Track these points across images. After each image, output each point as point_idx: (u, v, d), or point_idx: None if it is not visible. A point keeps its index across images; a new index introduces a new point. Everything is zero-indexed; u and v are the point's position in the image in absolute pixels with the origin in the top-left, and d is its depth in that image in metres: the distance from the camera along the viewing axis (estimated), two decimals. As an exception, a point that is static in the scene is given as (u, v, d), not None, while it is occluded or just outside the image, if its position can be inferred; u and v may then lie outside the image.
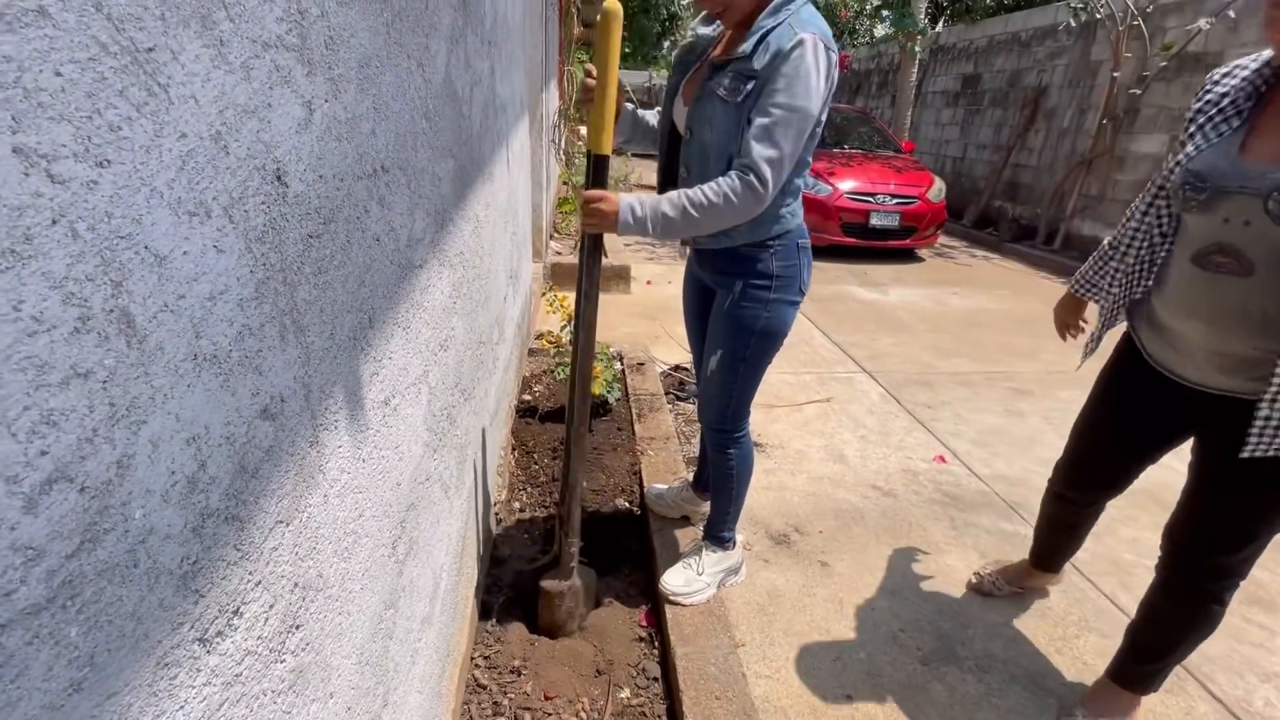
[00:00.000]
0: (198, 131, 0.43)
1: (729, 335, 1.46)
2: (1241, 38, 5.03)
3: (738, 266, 1.42)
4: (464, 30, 1.30)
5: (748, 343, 1.45)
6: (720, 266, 1.46)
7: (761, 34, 1.23)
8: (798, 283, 1.44)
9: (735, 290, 1.43)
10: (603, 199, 1.27)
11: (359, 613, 0.77)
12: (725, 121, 1.29)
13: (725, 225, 1.30)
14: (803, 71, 1.18)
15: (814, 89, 1.20)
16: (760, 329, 1.44)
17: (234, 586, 0.49)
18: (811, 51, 1.18)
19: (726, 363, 1.49)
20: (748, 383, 1.52)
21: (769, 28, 1.23)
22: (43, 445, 0.31)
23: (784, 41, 1.20)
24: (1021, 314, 4.69)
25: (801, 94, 1.19)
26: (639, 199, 1.29)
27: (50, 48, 0.31)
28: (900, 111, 8.74)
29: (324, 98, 0.62)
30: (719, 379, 1.52)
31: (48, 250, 0.31)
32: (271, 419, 0.54)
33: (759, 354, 1.48)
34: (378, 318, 0.80)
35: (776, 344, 1.49)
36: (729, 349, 1.48)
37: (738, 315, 1.44)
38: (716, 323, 1.49)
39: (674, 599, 1.64)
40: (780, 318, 1.45)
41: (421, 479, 1.04)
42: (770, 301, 1.42)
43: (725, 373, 1.50)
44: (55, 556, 0.32)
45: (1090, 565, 1.99)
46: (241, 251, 0.48)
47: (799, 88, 1.19)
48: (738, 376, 1.50)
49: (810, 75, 1.19)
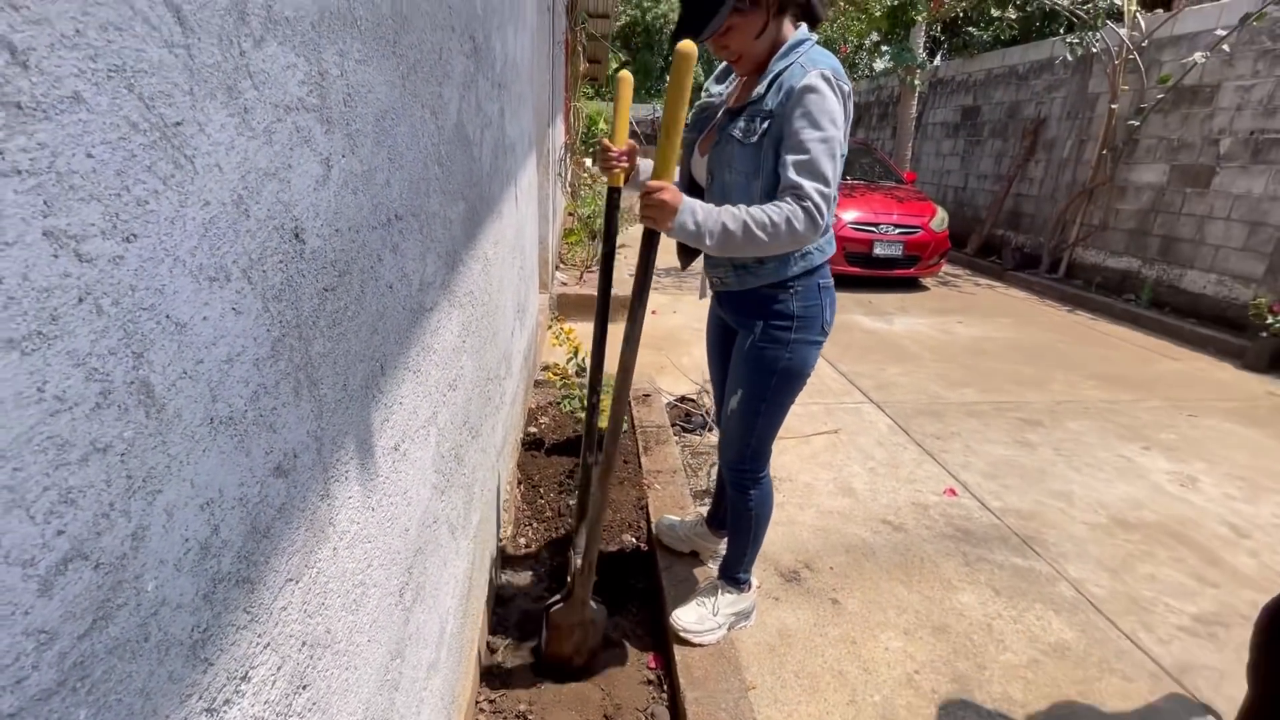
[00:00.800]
0: (220, 198, 0.43)
1: (750, 376, 1.46)
2: (1237, 70, 5.10)
3: (759, 307, 1.42)
4: (475, 76, 1.33)
5: (769, 383, 1.44)
6: (741, 307, 1.47)
7: (774, 75, 1.27)
8: (819, 322, 1.43)
9: (756, 331, 1.43)
10: (664, 189, 1.20)
11: (366, 666, 0.75)
12: (744, 162, 1.33)
13: (779, 250, 1.26)
14: (822, 105, 1.22)
15: (836, 118, 1.23)
16: (782, 369, 1.43)
17: (243, 651, 0.48)
18: (824, 85, 1.22)
19: (748, 403, 1.48)
20: (769, 423, 1.51)
21: (781, 69, 1.27)
22: (60, 525, 0.31)
23: (796, 80, 1.23)
24: (1027, 343, 4.68)
25: (828, 124, 1.22)
26: (701, 204, 1.24)
27: (83, 131, 0.31)
28: (901, 143, 8.86)
29: (342, 153, 0.64)
30: (740, 419, 1.51)
31: (73, 329, 0.31)
32: (284, 476, 0.54)
33: (780, 394, 1.47)
34: (389, 364, 0.80)
35: (799, 384, 1.48)
36: (750, 389, 1.47)
37: (759, 356, 1.43)
38: (738, 363, 1.49)
39: (685, 636, 1.61)
40: (802, 358, 1.44)
41: (429, 522, 1.03)
42: (791, 342, 1.42)
43: (746, 413, 1.49)
44: (68, 638, 0.31)
45: (1108, 604, 1.95)
46: (259, 311, 0.49)
47: (824, 119, 1.22)
48: (759, 416, 1.49)
49: (830, 106, 1.22)
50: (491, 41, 1.52)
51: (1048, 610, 1.90)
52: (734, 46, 1.30)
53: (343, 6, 0.62)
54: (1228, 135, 5.18)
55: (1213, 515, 2.44)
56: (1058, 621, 1.86)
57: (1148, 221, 5.88)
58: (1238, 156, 5.10)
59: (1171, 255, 5.65)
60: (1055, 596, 1.97)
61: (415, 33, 0.87)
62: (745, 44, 1.29)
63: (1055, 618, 1.87)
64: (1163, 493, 2.62)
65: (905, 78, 8.21)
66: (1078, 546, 2.23)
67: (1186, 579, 2.09)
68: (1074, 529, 2.34)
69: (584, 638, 1.54)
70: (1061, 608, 1.92)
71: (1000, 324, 5.19)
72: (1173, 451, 3.01)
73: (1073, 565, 2.12)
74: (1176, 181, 5.61)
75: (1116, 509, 2.48)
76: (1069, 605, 1.93)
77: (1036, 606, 1.92)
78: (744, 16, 1.25)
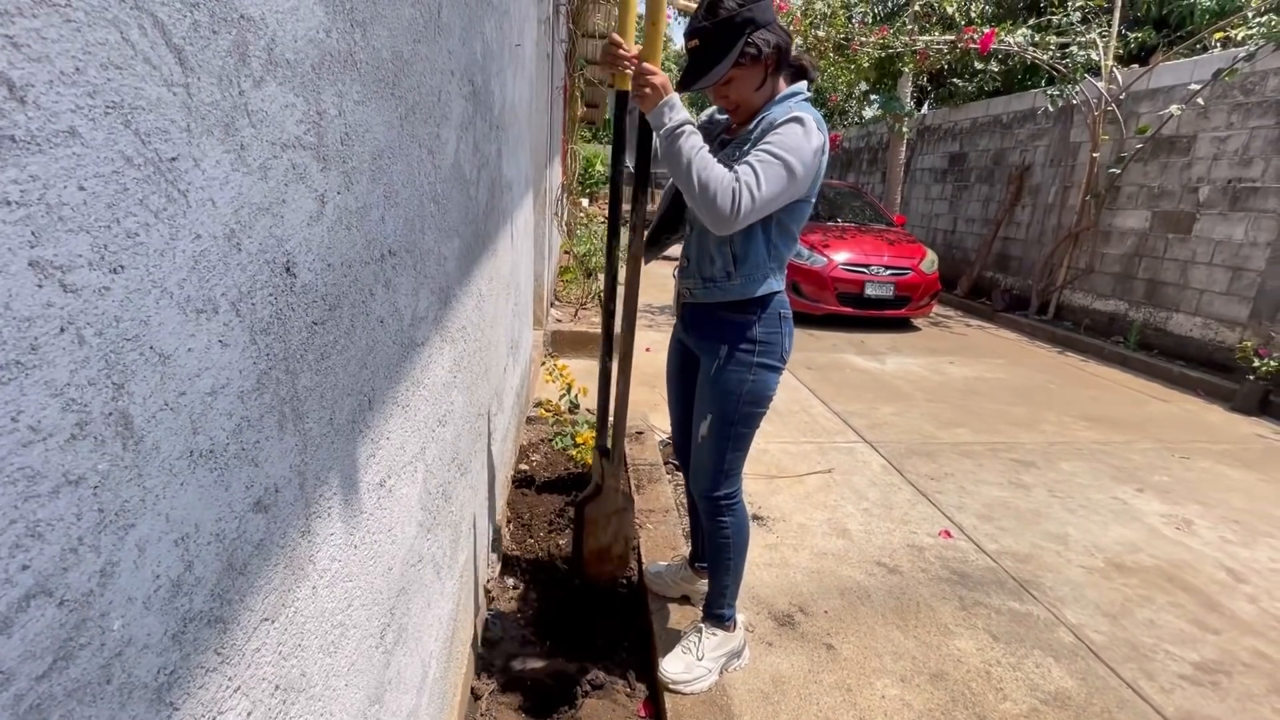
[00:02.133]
0: (212, 232, 0.44)
1: (718, 400, 1.49)
2: (1212, 122, 5.29)
3: (723, 331, 1.48)
4: (474, 118, 1.36)
5: (736, 407, 1.48)
6: (707, 332, 1.52)
7: (763, 115, 1.38)
8: (779, 349, 1.49)
9: (720, 355, 1.48)
10: (656, 74, 1.32)
11: (342, 712, 0.72)
12: None
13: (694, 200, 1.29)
14: (794, 135, 1.29)
15: (803, 151, 1.29)
16: (746, 392, 1.48)
17: (211, 695, 0.46)
18: (803, 125, 1.30)
19: (717, 428, 1.51)
20: (738, 447, 1.54)
21: (769, 111, 1.38)
22: (25, 559, 0.30)
23: (778, 116, 1.33)
24: (1019, 384, 4.71)
25: (788, 149, 1.28)
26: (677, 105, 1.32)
27: (76, 165, 0.32)
28: (891, 187, 9.08)
29: (336, 190, 0.65)
30: (710, 445, 1.53)
31: (52, 359, 0.31)
32: (264, 511, 0.53)
33: (747, 419, 1.51)
34: (377, 398, 0.80)
35: (763, 408, 1.52)
36: (719, 414, 1.50)
37: (725, 380, 1.48)
38: (704, 389, 1.53)
39: (674, 688, 1.56)
40: (764, 382, 1.49)
41: (414, 561, 1.01)
42: (754, 365, 1.47)
43: (716, 438, 1.52)
44: (25, 679, 0.30)
45: (1108, 651, 1.91)
46: (246, 344, 0.49)
47: (788, 143, 1.29)
48: (729, 441, 1.52)
49: (799, 140, 1.29)
50: (490, 86, 1.56)
51: (1047, 657, 1.86)
52: (734, 96, 1.40)
53: (343, 50, 0.64)
54: (1206, 183, 5.34)
55: (1209, 559, 2.42)
56: (1057, 669, 1.82)
57: (1132, 265, 6.00)
58: (1217, 204, 5.25)
59: (1157, 298, 5.74)
60: (1054, 643, 1.93)
61: (415, 76, 0.90)
62: (745, 94, 1.39)
63: (1055, 665, 1.83)
64: (1159, 536, 2.59)
65: (894, 125, 8.47)
66: (1075, 590, 2.20)
67: (1186, 625, 2.05)
68: (1071, 572, 2.31)
69: (620, 526, 1.55)
70: (1061, 654, 1.88)
71: (991, 364, 5.23)
72: (1166, 494, 3.00)
73: (1071, 610, 2.09)
74: (1159, 227, 5.75)
75: (1113, 552, 2.46)
76: (1068, 652, 1.89)
77: (1035, 653, 1.88)
78: (745, 70, 1.35)
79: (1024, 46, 6.24)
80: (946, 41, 6.46)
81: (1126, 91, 5.98)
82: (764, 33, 1.32)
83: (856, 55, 6.64)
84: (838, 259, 6.03)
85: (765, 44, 1.33)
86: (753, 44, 1.32)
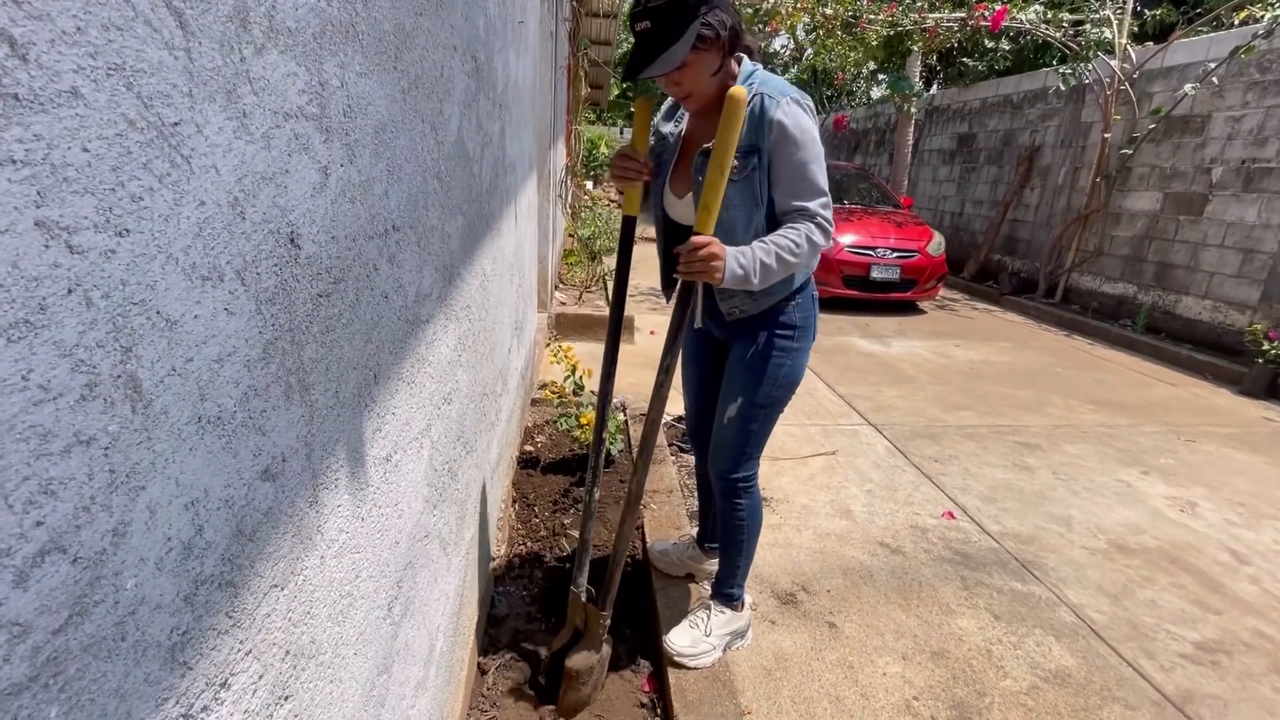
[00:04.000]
0: (216, 199, 0.44)
1: (751, 384, 1.48)
2: (1227, 101, 5.20)
3: (764, 321, 1.46)
4: (476, 95, 1.35)
5: (770, 391, 1.48)
6: (744, 324, 1.48)
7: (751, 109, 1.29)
8: (812, 330, 1.51)
9: (760, 340, 1.46)
10: (712, 242, 1.21)
11: (351, 680, 0.74)
12: (741, 197, 1.34)
13: (806, 266, 1.35)
14: (799, 127, 1.28)
15: (813, 133, 1.30)
16: (783, 376, 1.48)
17: (223, 657, 0.47)
18: (796, 109, 1.30)
19: (746, 411, 1.50)
20: (764, 430, 1.54)
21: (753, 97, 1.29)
22: (39, 516, 0.30)
23: (770, 110, 1.28)
24: (1024, 367, 4.69)
25: (809, 141, 1.29)
26: (736, 250, 1.25)
27: (80, 126, 0.32)
28: (898, 169, 8.98)
29: (340, 162, 0.64)
30: (737, 427, 1.52)
31: (60, 319, 0.31)
32: (272, 479, 0.53)
33: (778, 401, 1.51)
34: (383, 373, 0.80)
35: (792, 391, 1.53)
36: (750, 397, 1.49)
37: (762, 364, 1.46)
38: (737, 373, 1.50)
39: (679, 660, 1.58)
40: (800, 365, 1.50)
41: (420, 536, 1.02)
42: (793, 350, 1.47)
43: (745, 420, 1.51)
44: (41, 632, 0.31)
45: (1109, 630, 1.92)
46: (252, 313, 0.49)
47: (806, 138, 1.29)
48: (756, 423, 1.52)
49: (808, 125, 1.30)
50: (494, 63, 1.55)
51: (1048, 636, 1.88)
52: (687, 84, 1.28)
53: (344, 20, 0.63)
54: (1219, 164, 5.26)
55: (1213, 541, 2.42)
56: (1058, 648, 1.83)
57: (1142, 248, 5.93)
58: (1230, 185, 5.17)
59: (1166, 281, 5.69)
60: (1055, 622, 1.94)
61: (417, 50, 0.89)
62: (698, 81, 1.28)
63: (1055, 644, 1.85)
64: (1162, 518, 2.60)
65: (902, 105, 8.35)
66: (1077, 571, 2.21)
67: (1188, 605, 2.06)
68: (1073, 554, 2.31)
69: (600, 675, 1.52)
70: (1062, 633, 1.89)
71: (997, 348, 5.21)
72: (1172, 477, 2.99)
73: (1072, 590, 2.10)
74: (1170, 209, 5.68)
75: (1116, 534, 2.46)
76: (1069, 631, 1.91)
77: (1036, 632, 1.89)
78: (700, 55, 1.23)
79: (1036, 24, 6.13)
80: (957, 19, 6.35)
81: (1140, 70, 5.87)
82: (719, 12, 1.22)
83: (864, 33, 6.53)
84: (843, 241, 5.99)
85: (721, 25, 1.22)
86: (709, 25, 1.20)
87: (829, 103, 13.34)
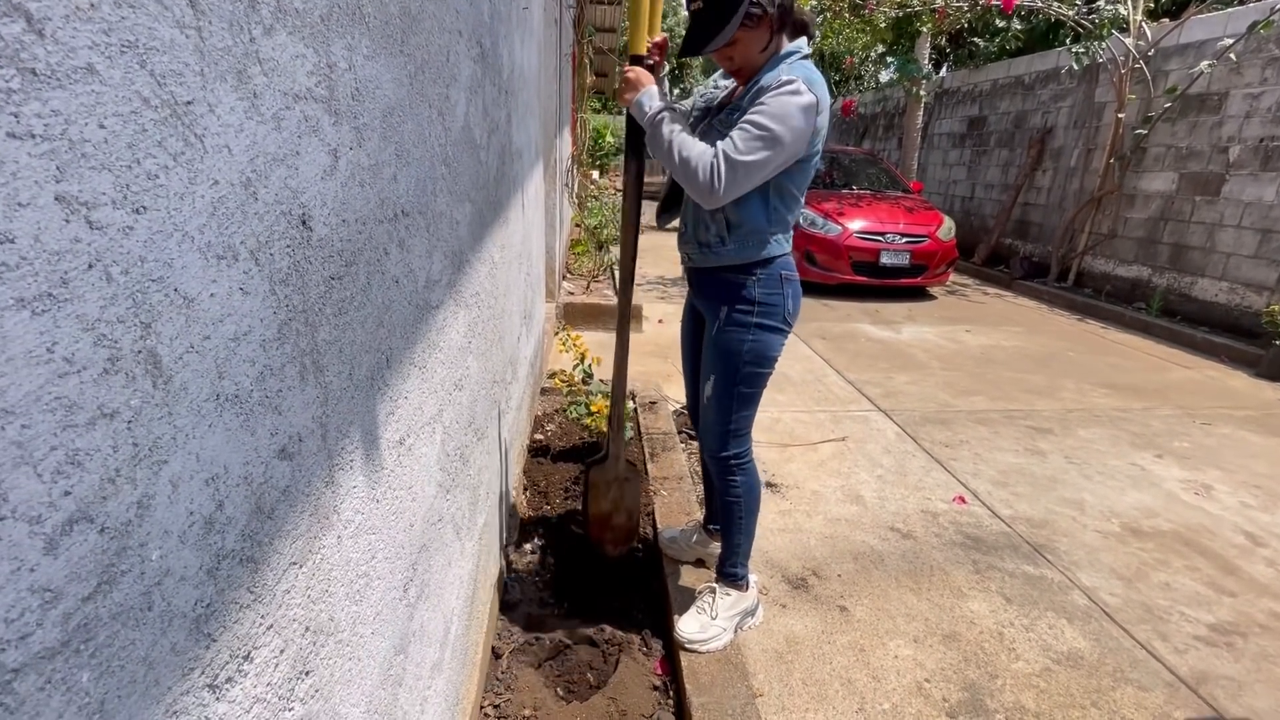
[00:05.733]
0: (229, 179, 0.44)
1: (719, 360, 1.52)
2: (1245, 78, 5.09)
3: (723, 292, 1.50)
4: (483, 81, 1.35)
5: (738, 368, 1.50)
6: (708, 293, 1.54)
7: (757, 80, 1.36)
8: (781, 311, 1.49)
9: (721, 315, 1.50)
10: (636, 73, 1.40)
11: (369, 658, 0.75)
12: None
13: (680, 178, 1.35)
14: (781, 102, 1.28)
15: (789, 116, 1.28)
16: (747, 352, 1.49)
17: (246, 630, 0.48)
18: (793, 88, 1.28)
19: (720, 387, 1.53)
20: (743, 408, 1.56)
21: (763, 76, 1.36)
22: (67, 486, 0.31)
23: (771, 81, 1.31)
24: (1036, 351, 4.65)
25: (772, 115, 1.27)
26: (663, 102, 1.38)
27: (96, 102, 0.32)
28: (907, 153, 8.88)
29: (349, 145, 0.65)
30: (715, 405, 1.56)
31: (82, 294, 0.32)
32: (289, 459, 0.54)
33: (751, 380, 1.52)
34: (395, 358, 0.81)
35: (766, 369, 1.53)
36: (720, 374, 1.52)
37: (725, 340, 1.50)
38: (708, 350, 1.56)
39: (689, 647, 1.59)
40: (765, 343, 1.49)
41: (434, 520, 1.03)
42: (753, 326, 1.48)
43: (721, 398, 1.54)
44: (72, 599, 0.32)
45: (1122, 612, 1.91)
46: (266, 293, 0.49)
47: (772, 109, 1.28)
48: (733, 400, 1.54)
49: (787, 106, 1.28)
50: (499, 48, 1.54)
51: (1060, 619, 1.87)
52: (738, 59, 1.38)
53: (351, 1, 0.63)
54: (1237, 143, 5.16)
55: (1228, 524, 2.40)
56: (1070, 630, 1.83)
57: (1157, 230, 5.85)
58: (1247, 164, 5.08)
59: (1182, 263, 5.61)
60: (1068, 605, 1.94)
61: (423, 34, 0.89)
62: (748, 56, 1.38)
63: (1068, 626, 1.84)
64: (1177, 501, 2.58)
65: (911, 89, 8.24)
66: (1090, 555, 2.20)
67: (1202, 588, 2.05)
68: (1086, 537, 2.30)
69: (621, 494, 1.63)
70: (1074, 616, 1.89)
71: (1009, 333, 5.16)
72: (1186, 460, 2.97)
73: (1085, 574, 2.09)
74: (1186, 190, 5.59)
75: (1130, 517, 2.45)
76: (1082, 614, 1.90)
77: (1049, 615, 1.89)
78: (749, 32, 1.33)
79: (1049, 2, 6.02)
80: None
81: (1155, 48, 5.75)
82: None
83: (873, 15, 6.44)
84: (853, 227, 5.94)
85: (770, 3, 1.30)
86: (757, 4, 1.29)
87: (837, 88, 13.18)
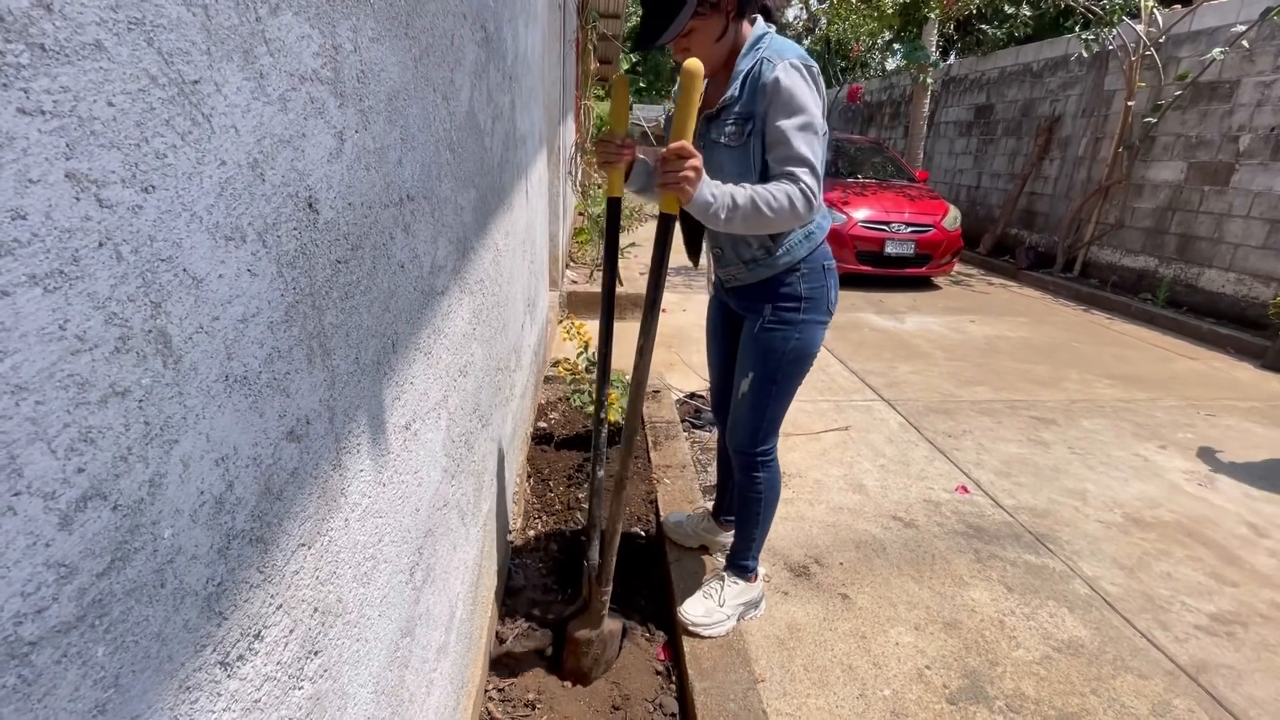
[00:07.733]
0: (236, 160, 0.44)
1: (760, 358, 1.48)
2: (1257, 66, 5.03)
3: (767, 292, 1.45)
4: (487, 65, 1.34)
5: (779, 365, 1.47)
6: (749, 294, 1.49)
7: (743, 75, 1.29)
8: (825, 302, 1.47)
9: (765, 314, 1.45)
10: (697, 157, 1.14)
11: (376, 640, 0.76)
12: (737, 164, 1.34)
13: (780, 228, 1.27)
14: (793, 93, 1.24)
15: (808, 102, 1.25)
16: (790, 350, 1.46)
17: (256, 609, 0.49)
18: (792, 73, 1.24)
19: (758, 385, 1.50)
20: (779, 404, 1.53)
21: (748, 68, 1.29)
22: (80, 462, 0.31)
23: (766, 74, 1.26)
24: (1041, 342, 4.63)
25: (799, 107, 1.24)
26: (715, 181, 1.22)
27: (104, 79, 0.32)
28: (913, 142, 8.80)
29: (354, 128, 0.64)
30: (751, 401, 1.52)
31: (93, 272, 0.32)
32: (297, 441, 0.54)
33: (790, 376, 1.49)
34: (401, 343, 0.81)
35: (807, 365, 1.50)
36: (760, 372, 1.49)
37: (768, 338, 1.46)
38: (747, 347, 1.51)
39: (693, 630, 1.60)
40: (810, 338, 1.46)
41: (440, 505, 1.04)
42: (800, 323, 1.44)
43: (757, 395, 1.51)
44: (87, 574, 0.32)
45: (1124, 601, 1.92)
46: (274, 275, 0.49)
47: (796, 103, 1.24)
48: (770, 399, 1.51)
49: (801, 89, 1.24)
50: (503, 33, 1.53)
51: (1061, 607, 1.88)
52: (694, 49, 1.28)
53: (357, -18, 0.63)
54: (1248, 132, 5.10)
55: (1231, 515, 2.40)
56: (1071, 619, 1.84)
57: (1165, 220, 5.80)
58: (1258, 153, 5.02)
59: (1189, 254, 5.57)
60: (1069, 594, 1.94)
61: (427, 17, 0.88)
62: (706, 47, 1.29)
63: (1069, 615, 1.85)
64: (1180, 492, 2.58)
65: (918, 76, 8.16)
66: (1092, 544, 2.20)
67: (1204, 578, 2.06)
68: (1088, 527, 2.31)
69: (602, 651, 1.53)
70: (1075, 605, 1.90)
71: (1014, 323, 5.14)
72: (1190, 451, 2.96)
73: (1087, 563, 2.10)
74: (1194, 179, 5.53)
75: (1132, 507, 2.45)
76: (1083, 603, 1.91)
77: (1050, 604, 1.90)
78: (704, 20, 1.25)
79: (1058, -12, 5.93)
80: (976, -15, 6.15)
81: (1166, 34, 5.68)
82: None
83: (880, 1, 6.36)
84: (857, 216, 5.90)
85: None
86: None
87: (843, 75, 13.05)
